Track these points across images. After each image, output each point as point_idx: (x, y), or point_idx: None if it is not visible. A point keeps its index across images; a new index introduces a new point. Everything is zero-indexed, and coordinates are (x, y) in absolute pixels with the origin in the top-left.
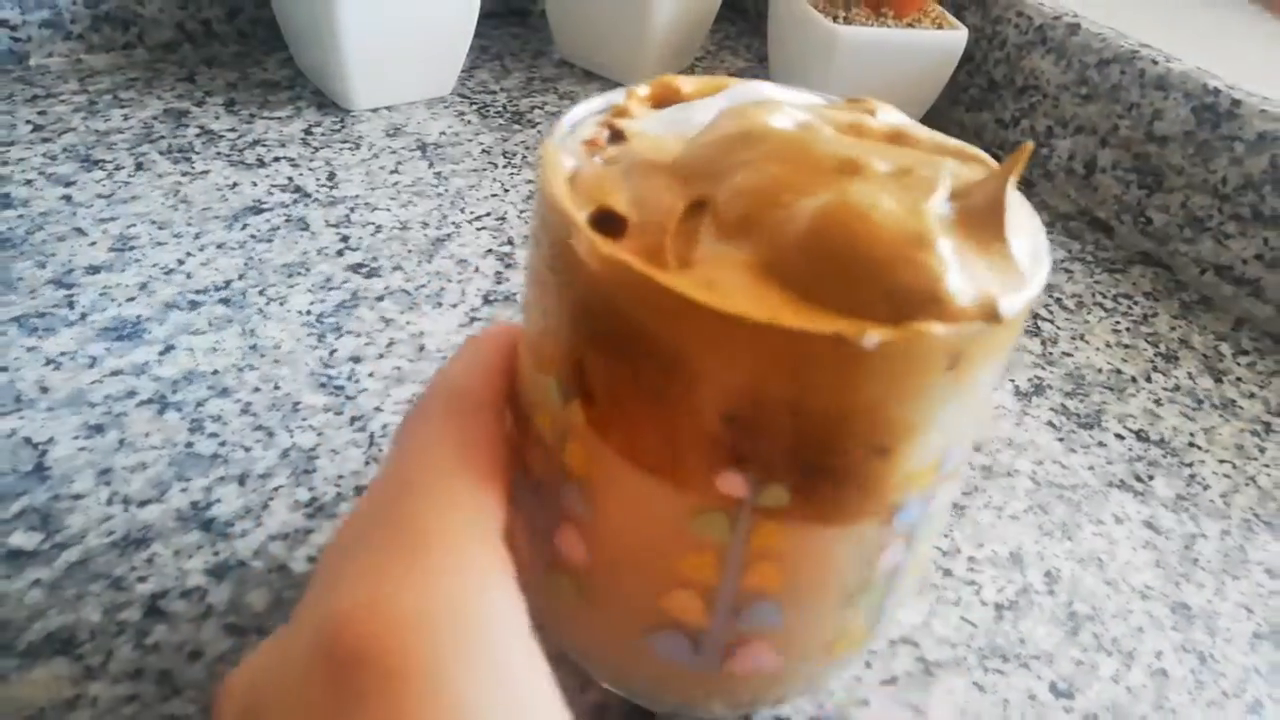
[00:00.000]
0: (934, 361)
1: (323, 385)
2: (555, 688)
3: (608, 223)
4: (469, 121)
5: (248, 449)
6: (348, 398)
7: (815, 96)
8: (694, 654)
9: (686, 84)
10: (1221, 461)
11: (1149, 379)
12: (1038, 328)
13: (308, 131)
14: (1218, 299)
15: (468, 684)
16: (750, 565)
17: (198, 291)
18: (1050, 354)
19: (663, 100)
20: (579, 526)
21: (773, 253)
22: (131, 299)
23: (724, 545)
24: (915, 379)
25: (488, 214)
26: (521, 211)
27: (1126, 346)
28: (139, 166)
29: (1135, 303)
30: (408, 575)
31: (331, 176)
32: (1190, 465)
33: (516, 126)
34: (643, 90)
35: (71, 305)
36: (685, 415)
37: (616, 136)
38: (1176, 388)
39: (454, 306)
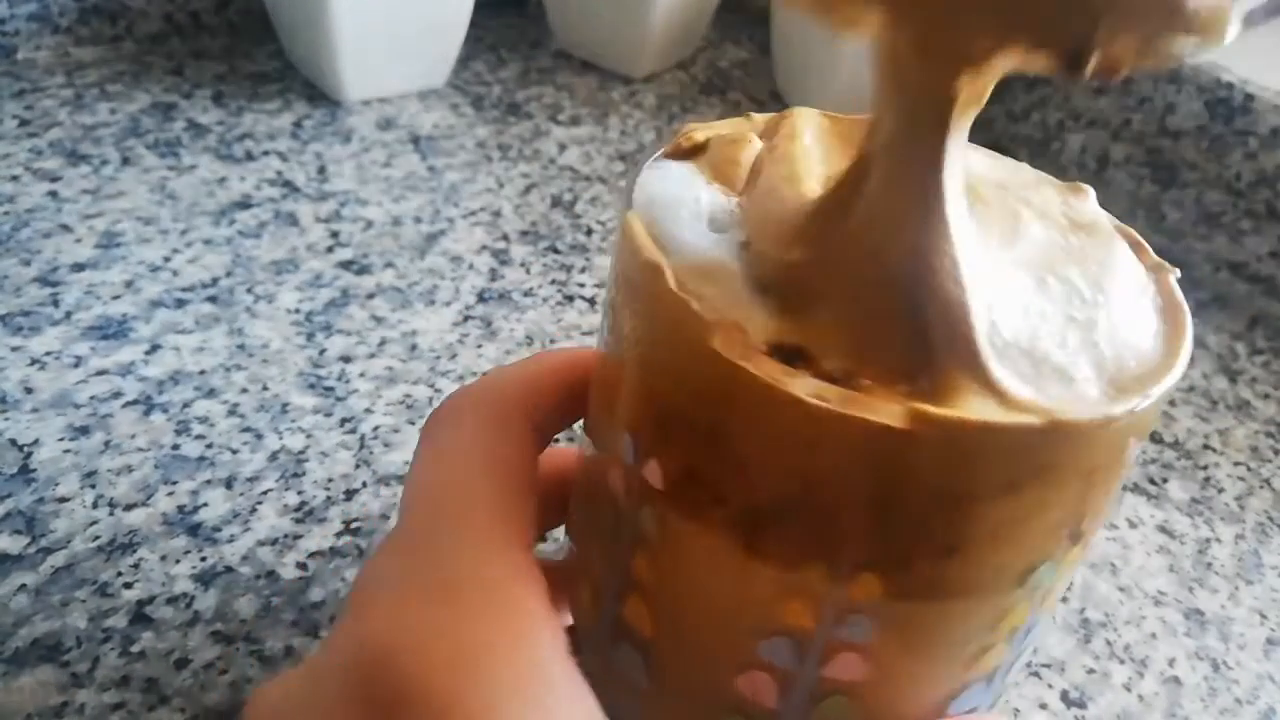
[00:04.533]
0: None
1: (312, 386)
2: None
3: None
4: (463, 114)
5: (235, 451)
6: (338, 399)
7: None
8: None
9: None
10: (1236, 464)
11: None
12: None
13: (297, 124)
14: (1232, 297)
15: None
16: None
17: (184, 289)
18: None
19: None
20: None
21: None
22: (117, 297)
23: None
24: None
25: (482, 209)
26: (517, 206)
27: None
28: (125, 161)
29: None
30: (447, 615)
31: (321, 170)
32: (1205, 468)
33: (512, 119)
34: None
35: (56, 304)
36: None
37: None
38: (1191, 388)
39: (447, 305)
